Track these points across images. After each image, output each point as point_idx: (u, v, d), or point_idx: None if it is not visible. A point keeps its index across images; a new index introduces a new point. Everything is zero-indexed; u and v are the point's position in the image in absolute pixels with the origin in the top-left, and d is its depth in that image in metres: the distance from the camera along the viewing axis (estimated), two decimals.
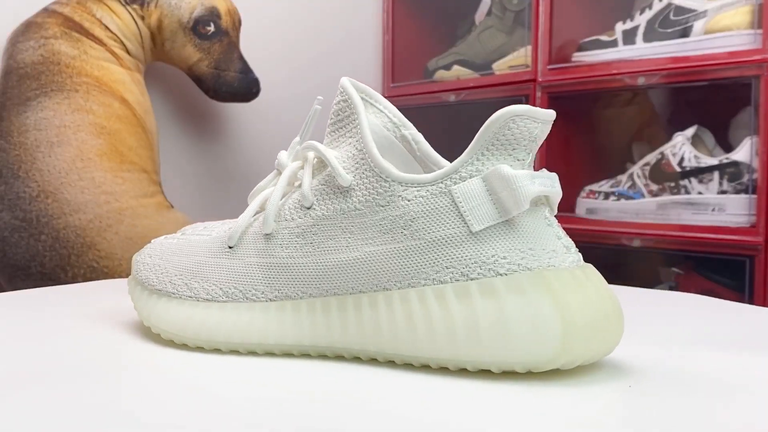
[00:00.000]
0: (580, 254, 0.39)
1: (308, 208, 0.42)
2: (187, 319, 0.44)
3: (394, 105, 0.45)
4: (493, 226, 0.38)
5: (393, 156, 0.44)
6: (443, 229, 0.38)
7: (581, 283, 0.37)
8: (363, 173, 0.41)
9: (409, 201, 0.39)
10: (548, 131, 0.39)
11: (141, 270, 0.47)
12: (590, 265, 0.39)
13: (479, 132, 0.38)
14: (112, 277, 1.05)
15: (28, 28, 1.13)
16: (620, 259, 1.32)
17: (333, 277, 0.41)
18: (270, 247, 0.43)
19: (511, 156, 0.38)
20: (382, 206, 0.40)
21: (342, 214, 0.41)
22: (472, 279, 0.37)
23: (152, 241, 0.49)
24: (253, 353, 0.43)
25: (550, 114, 0.38)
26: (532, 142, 0.38)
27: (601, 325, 0.37)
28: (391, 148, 0.44)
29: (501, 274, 0.37)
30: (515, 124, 0.37)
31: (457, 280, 0.38)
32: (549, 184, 0.38)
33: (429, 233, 0.38)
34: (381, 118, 0.44)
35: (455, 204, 0.38)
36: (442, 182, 0.38)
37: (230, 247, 0.44)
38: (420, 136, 0.45)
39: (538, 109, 0.38)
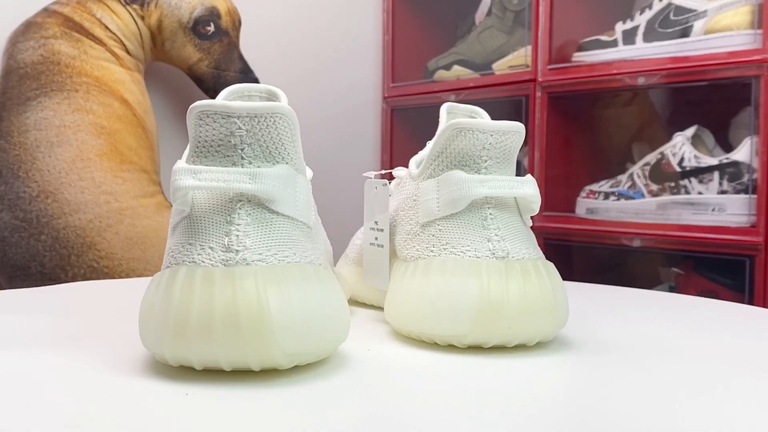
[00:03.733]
0: (263, 256, 0.36)
1: None
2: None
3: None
4: (185, 218, 0.38)
5: None
6: (172, 222, 0.40)
7: (225, 283, 0.35)
8: None
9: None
10: (255, 128, 0.37)
11: None
12: (283, 268, 0.36)
13: None
14: (112, 277, 1.05)
15: (28, 28, 1.13)
16: (620, 259, 1.32)
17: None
18: None
19: (219, 153, 0.38)
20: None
21: None
22: (161, 270, 0.38)
23: None
24: None
25: (230, 107, 0.37)
26: (231, 136, 0.37)
27: (236, 326, 0.34)
28: None
29: (167, 266, 0.37)
30: (202, 121, 0.37)
31: (159, 270, 0.39)
32: (224, 180, 0.37)
33: (171, 225, 0.41)
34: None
35: None
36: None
37: None
38: None
39: (220, 102, 0.37)
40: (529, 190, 0.44)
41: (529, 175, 0.45)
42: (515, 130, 0.45)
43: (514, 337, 0.42)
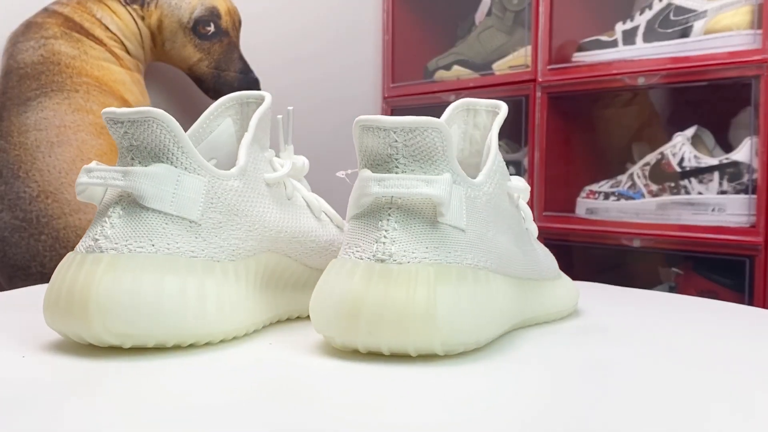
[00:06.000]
0: (117, 246, 0.41)
1: None
2: None
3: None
4: None
5: None
6: None
7: (76, 267, 0.41)
8: None
9: None
10: (144, 130, 0.42)
11: None
12: (129, 256, 0.41)
13: None
14: None
15: (28, 28, 1.13)
16: (620, 259, 1.32)
17: None
18: None
19: (123, 155, 0.43)
20: None
21: None
22: None
23: None
24: None
25: (115, 113, 0.42)
26: (123, 139, 0.43)
27: (70, 304, 0.40)
28: None
29: None
30: (108, 126, 0.43)
31: None
32: (103, 177, 0.42)
33: None
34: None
35: None
36: None
37: None
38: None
39: (111, 109, 0.43)
40: (429, 190, 0.40)
41: (445, 175, 0.41)
42: (426, 126, 0.41)
43: (379, 343, 0.40)
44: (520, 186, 0.49)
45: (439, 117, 0.52)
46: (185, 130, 0.45)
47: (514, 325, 0.47)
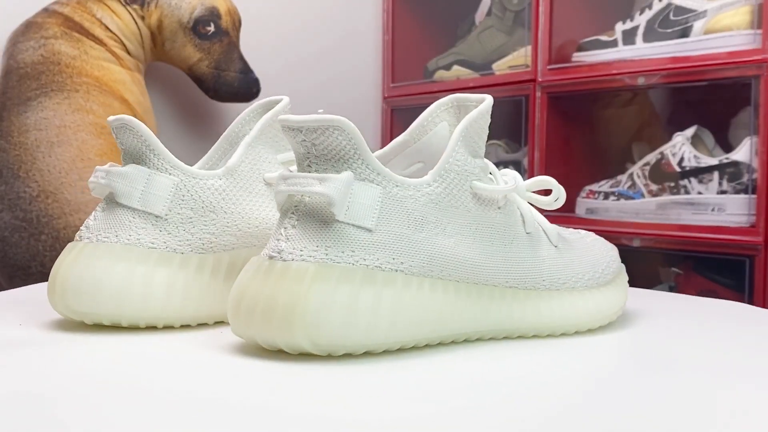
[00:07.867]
0: (91, 236, 0.47)
1: None
2: None
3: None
4: None
5: None
6: None
7: (63, 254, 0.47)
8: None
9: None
10: (114, 138, 0.48)
11: None
12: (95, 245, 0.46)
13: None
14: None
15: (28, 28, 1.13)
16: (620, 259, 1.32)
17: None
18: None
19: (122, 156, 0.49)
20: None
21: None
22: None
23: None
24: None
25: (108, 120, 0.48)
26: (116, 141, 0.48)
27: (50, 285, 0.47)
28: None
29: None
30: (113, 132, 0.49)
31: None
32: (96, 176, 0.48)
33: None
34: None
35: None
36: None
37: None
38: None
39: (111, 117, 0.48)
40: (320, 189, 0.40)
41: (344, 174, 0.40)
42: (327, 125, 0.40)
43: (254, 337, 0.40)
44: (494, 188, 0.45)
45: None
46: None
47: (468, 334, 0.44)
